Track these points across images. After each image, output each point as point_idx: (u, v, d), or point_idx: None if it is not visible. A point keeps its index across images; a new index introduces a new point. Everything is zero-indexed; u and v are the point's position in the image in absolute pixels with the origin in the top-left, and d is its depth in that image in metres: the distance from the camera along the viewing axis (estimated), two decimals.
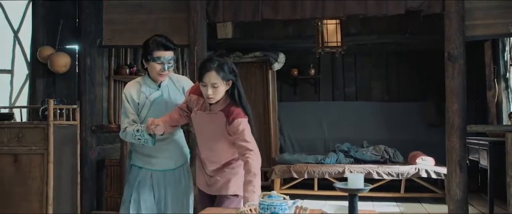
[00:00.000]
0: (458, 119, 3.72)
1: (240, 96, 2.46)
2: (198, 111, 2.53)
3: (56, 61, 4.34)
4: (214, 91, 2.40)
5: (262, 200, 1.87)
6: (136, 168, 2.83)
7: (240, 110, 2.44)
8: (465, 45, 3.74)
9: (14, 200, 3.87)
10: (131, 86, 2.81)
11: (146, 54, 2.70)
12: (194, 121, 2.59)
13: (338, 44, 5.58)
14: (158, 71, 2.68)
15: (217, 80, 2.38)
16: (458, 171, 3.70)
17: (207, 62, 2.43)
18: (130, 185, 2.81)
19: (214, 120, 2.47)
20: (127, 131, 2.72)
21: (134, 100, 2.77)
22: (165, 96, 2.79)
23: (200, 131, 2.59)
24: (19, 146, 3.90)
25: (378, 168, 6.03)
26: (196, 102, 2.55)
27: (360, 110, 7.42)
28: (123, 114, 2.80)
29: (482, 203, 5.67)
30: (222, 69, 2.39)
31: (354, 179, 1.55)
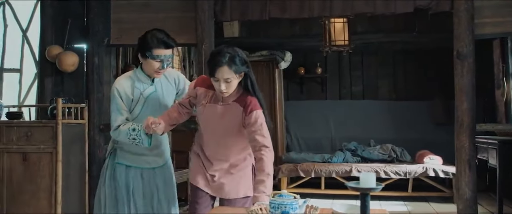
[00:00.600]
0: (468, 118, 3.69)
1: (253, 86, 2.37)
2: (208, 104, 2.41)
3: (64, 60, 4.35)
4: (228, 86, 2.30)
5: (273, 199, 1.87)
6: (123, 166, 2.68)
7: (256, 101, 2.35)
8: (474, 44, 3.71)
9: (23, 198, 3.90)
10: (123, 81, 2.63)
11: (144, 50, 2.54)
12: (203, 115, 2.45)
13: (345, 43, 5.57)
14: (156, 69, 2.55)
15: (230, 75, 2.28)
16: (467, 170, 3.68)
17: (217, 56, 2.30)
18: (118, 187, 2.66)
19: (228, 111, 2.36)
20: (120, 129, 2.56)
21: (128, 96, 2.60)
22: (159, 92, 2.66)
23: (210, 125, 2.45)
24: (28, 144, 3.93)
25: (385, 167, 6.01)
26: (204, 96, 2.43)
27: (367, 109, 7.39)
28: (115, 111, 2.61)
29: (490, 202, 5.64)
30: (234, 62, 2.28)
31: (366, 178, 1.54)
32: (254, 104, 2.33)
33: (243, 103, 2.35)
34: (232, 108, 2.36)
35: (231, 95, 2.38)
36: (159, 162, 2.74)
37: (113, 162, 2.71)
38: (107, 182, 2.69)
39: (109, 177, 2.69)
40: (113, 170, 2.69)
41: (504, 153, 4.34)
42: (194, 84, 2.51)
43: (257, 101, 2.35)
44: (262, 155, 2.28)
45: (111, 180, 2.68)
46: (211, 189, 2.52)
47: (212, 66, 2.30)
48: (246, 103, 2.34)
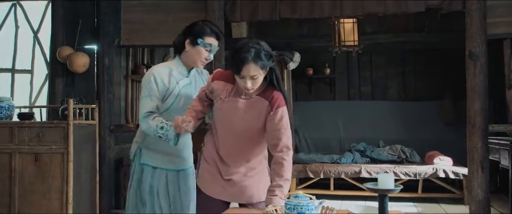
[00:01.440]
0: (480, 119, 3.67)
1: (278, 80, 2.24)
2: (227, 98, 2.26)
3: (75, 61, 4.37)
4: (254, 82, 2.16)
5: (289, 200, 1.86)
6: (150, 168, 2.59)
7: (282, 96, 2.22)
8: (487, 44, 3.69)
9: (35, 198, 3.92)
10: (162, 69, 2.53)
11: (196, 36, 2.47)
12: (221, 111, 2.29)
13: (355, 43, 5.56)
14: (204, 57, 2.50)
15: (256, 71, 2.14)
16: (479, 171, 3.65)
17: (242, 52, 2.14)
18: (143, 189, 2.57)
19: (252, 105, 2.22)
20: (149, 123, 2.44)
21: (165, 84, 2.49)
22: (192, 85, 2.59)
23: (229, 122, 2.29)
24: (39, 145, 3.95)
25: (395, 168, 5.98)
26: (223, 90, 2.29)
27: (376, 109, 7.36)
28: (146, 96, 2.47)
29: (502, 204, 5.60)
30: (260, 57, 2.13)
31: (384, 179, 1.53)
32: (280, 101, 2.20)
33: (267, 98, 2.21)
34: (256, 102, 2.22)
35: (255, 89, 2.24)
36: (184, 165, 2.67)
37: (139, 163, 2.61)
38: (135, 184, 2.61)
39: (137, 180, 2.60)
40: (140, 174, 2.59)
41: None
42: (212, 77, 2.39)
43: (282, 97, 2.23)
44: (283, 159, 2.16)
45: (138, 183, 2.60)
46: (228, 195, 2.36)
47: (237, 63, 2.15)
48: (272, 98, 2.20)
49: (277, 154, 2.20)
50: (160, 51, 5.77)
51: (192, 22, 2.56)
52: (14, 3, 4.86)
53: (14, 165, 3.93)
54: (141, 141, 2.60)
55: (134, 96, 5.13)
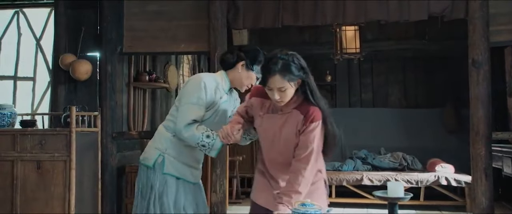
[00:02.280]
0: (483, 126, 3.66)
1: (313, 93, 2.15)
2: (266, 115, 2.24)
3: (77, 69, 4.37)
4: (282, 94, 2.10)
5: (296, 208, 1.85)
6: (173, 179, 2.48)
7: (318, 110, 2.15)
8: (489, 51, 3.69)
9: (37, 206, 3.90)
10: (210, 79, 2.46)
11: (253, 61, 2.46)
12: (262, 127, 2.27)
13: (356, 50, 5.56)
14: (251, 83, 2.49)
15: (283, 83, 2.07)
16: (483, 179, 3.64)
17: (270, 63, 2.11)
18: (166, 201, 2.44)
19: (288, 120, 2.17)
20: (194, 131, 2.34)
21: (212, 95, 2.43)
22: (228, 103, 2.55)
23: (268, 138, 2.26)
24: (42, 152, 3.94)
25: (396, 175, 5.96)
26: (261, 106, 2.26)
27: (377, 117, 7.36)
28: (194, 104, 2.37)
29: (504, 211, 5.58)
30: (288, 70, 2.07)
31: (394, 187, 1.53)
32: (316, 114, 2.14)
33: (304, 112, 2.15)
34: (293, 116, 2.16)
35: (290, 103, 2.18)
36: (199, 178, 2.62)
37: (162, 172, 2.46)
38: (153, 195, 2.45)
39: (158, 191, 2.46)
40: (163, 185, 2.46)
41: None
42: (249, 94, 2.37)
43: (319, 111, 2.16)
44: (300, 172, 2.11)
45: (160, 194, 2.45)
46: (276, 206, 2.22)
47: (264, 74, 2.13)
48: (307, 112, 2.14)
49: (297, 163, 2.16)
50: (162, 59, 5.77)
51: (249, 45, 2.60)
52: (17, 10, 4.87)
53: (16, 172, 3.92)
54: (164, 149, 2.48)
55: (136, 103, 5.13)
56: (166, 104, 6.05)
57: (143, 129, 5.19)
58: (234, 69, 2.49)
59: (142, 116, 5.25)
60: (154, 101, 5.65)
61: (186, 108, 2.38)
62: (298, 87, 2.16)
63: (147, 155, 2.53)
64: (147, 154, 2.54)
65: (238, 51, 2.51)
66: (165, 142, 2.49)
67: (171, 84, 5.79)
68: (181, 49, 4.45)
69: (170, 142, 2.48)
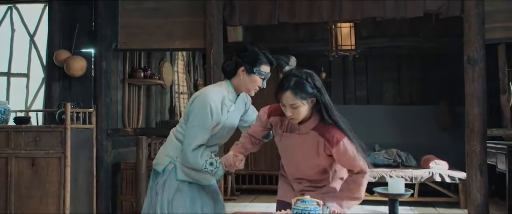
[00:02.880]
0: (479, 123, 3.68)
1: (328, 112, 2.15)
2: (284, 133, 2.26)
3: (72, 65, 4.33)
4: (295, 112, 2.12)
5: (296, 205, 1.85)
6: (186, 183, 2.48)
7: (336, 129, 2.15)
8: (485, 49, 3.71)
9: (31, 203, 3.88)
10: (217, 97, 2.44)
11: (252, 64, 2.42)
12: (280, 143, 2.31)
13: (352, 47, 5.56)
14: (257, 85, 2.46)
15: (294, 100, 2.10)
16: (478, 176, 3.66)
17: (283, 80, 2.16)
18: (180, 206, 2.45)
19: (307, 141, 2.19)
20: (198, 158, 2.37)
21: (219, 115, 2.43)
22: (236, 111, 2.55)
23: (287, 155, 2.32)
24: (36, 149, 3.91)
25: (391, 172, 5.99)
26: (280, 125, 2.28)
27: (372, 114, 7.38)
28: (200, 127, 2.38)
29: (498, 207, 5.62)
30: (300, 88, 2.11)
31: (394, 184, 1.53)
32: (338, 135, 2.14)
33: (324, 134, 2.16)
34: (311, 137, 2.19)
35: (308, 123, 2.20)
36: (211, 180, 2.60)
37: (176, 179, 2.47)
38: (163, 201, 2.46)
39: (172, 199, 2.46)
40: (175, 191, 2.47)
41: None
42: (268, 113, 2.36)
43: (337, 129, 2.15)
44: (359, 181, 2.18)
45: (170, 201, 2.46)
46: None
47: (277, 89, 2.16)
48: (329, 135, 2.15)
49: (354, 175, 2.21)
50: (156, 55, 5.75)
51: (244, 47, 2.50)
52: (10, 6, 4.82)
53: (11, 169, 3.88)
54: (175, 157, 2.49)
55: (131, 100, 5.10)
56: (161, 101, 6.03)
57: (138, 125, 5.16)
58: (236, 76, 2.47)
59: (137, 113, 5.22)
60: (149, 98, 5.63)
61: (191, 131, 2.39)
62: (313, 106, 2.18)
63: (159, 160, 2.55)
64: (159, 159, 2.56)
65: (236, 57, 2.47)
66: (175, 150, 2.50)
67: (166, 81, 5.77)
68: (177, 46, 4.43)
69: (180, 151, 2.48)
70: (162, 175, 2.49)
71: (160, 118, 5.93)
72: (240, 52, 2.47)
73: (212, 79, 4.19)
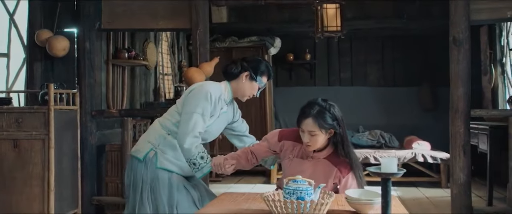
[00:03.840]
0: (463, 104, 3.73)
1: (344, 145, 2.24)
2: (295, 158, 2.32)
3: (54, 45, 4.23)
4: (312, 139, 2.20)
5: (287, 185, 1.85)
6: (166, 172, 2.49)
7: (347, 163, 2.25)
8: (470, 30, 3.73)
9: (15, 185, 3.82)
10: (216, 89, 2.51)
11: (256, 73, 2.54)
12: (289, 168, 2.34)
13: (337, 28, 5.54)
14: (254, 93, 2.59)
15: (314, 128, 2.19)
16: (462, 155, 3.72)
17: (307, 107, 2.26)
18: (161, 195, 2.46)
19: (317, 168, 2.26)
20: (193, 147, 2.36)
21: (216, 106, 2.49)
22: (228, 113, 2.64)
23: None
24: (19, 131, 3.84)
25: (375, 153, 6.06)
26: (292, 149, 2.34)
27: (356, 95, 7.44)
28: (200, 114, 2.39)
29: (478, 187, 5.75)
30: (322, 117, 2.19)
31: (387, 163, 1.54)
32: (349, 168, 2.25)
33: (336, 163, 2.25)
34: (322, 165, 2.27)
35: (322, 152, 2.28)
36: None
37: (155, 168, 2.48)
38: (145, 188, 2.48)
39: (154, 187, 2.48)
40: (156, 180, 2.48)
41: (495, 139, 4.42)
42: (279, 137, 2.42)
43: (347, 164, 2.25)
44: None
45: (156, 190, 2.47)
46: None
47: (299, 116, 2.26)
48: (341, 165, 2.25)
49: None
50: (141, 36, 5.66)
51: (253, 56, 2.68)
52: None
53: None
54: (157, 144, 2.51)
55: (115, 81, 5.03)
56: (145, 82, 5.96)
57: (122, 107, 5.10)
58: (237, 80, 2.56)
59: (121, 94, 5.16)
60: (133, 79, 5.56)
61: (192, 117, 2.40)
62: (330, 137, 2.24)
63: (139, 147, 2.55)
64: (139, 146, 2.55)
65: (241, 62, 2.58)
66: (158, 138, 2.52)
67: (150, 62, 5.70)
68: (162, 26, 4.36)
69: (163, 139, 2.51)
70: (142, 162, 2.49)
71: (144, 99, 5.87)
72: (247, 58, 2.62)
73: (198, 60, 4.15)
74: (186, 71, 4.15)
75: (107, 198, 4.42)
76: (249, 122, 2.97)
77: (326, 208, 1.80)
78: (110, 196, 4.43)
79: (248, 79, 2.54)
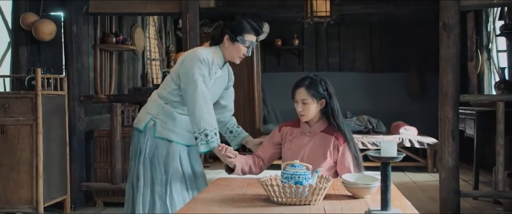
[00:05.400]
0: (452, 89, 3.75)
1: (335, 116, 2.38)
2: (294, 139, 2.46)
3: (41, 29, 4.15)
4: (304, 108, 2.36)
5: (285, 170, 1.85)
6: (165, 141, 2.47)
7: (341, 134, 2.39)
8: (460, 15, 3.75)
9: (2, 171, 3.78)
10: (206, 54, 2.47)
11: (236, 33, 2.47)
12: (289, 150, 2.45)
13: (327, 14, 5.54)
14: (242, 54, 2.51)
15: (306, 96, 2.35)
16: (450, 140, 3.76)
17: (300, 80, 2.43)
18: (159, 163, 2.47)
19: (317, 141, 2.41)
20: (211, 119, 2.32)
21: (210, 69, 2.45)
22: (222, 78, 2.59)
23: (299, 156, 2.40)
24: (5, 116, 3.78)
25: (362, 138, 6.11)
26: (291, 133, 2.49)
27: (344, 81, 7.45)
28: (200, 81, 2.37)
29: (463, 171, 5.80)
30: (313, 87, 2.36)
31: (387, 147, 1.55)
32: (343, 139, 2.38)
33: (332, 133, 2.39)
34: (321, 138, 2.41)
35: (317, 126, 2.42)
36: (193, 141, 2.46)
37: (153, 136, 2.48)
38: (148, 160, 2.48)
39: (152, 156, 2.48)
40: (155, 148, 2.48)
41: (482, 123, 4.48)
42: (278, 128, 2.56)
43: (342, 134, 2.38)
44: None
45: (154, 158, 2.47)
46: None
47: (293, 88, 2.42)
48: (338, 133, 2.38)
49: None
50: (128, 20, 5.58)
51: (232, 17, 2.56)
52: None
53: None
54: (156, 114, 2.51)
55: (103, 66, 4.96)
56: (133, 67, 5.89)
57: (110, 92, 5.04)
58: (223, 44, 2.54)
59: (109, 79, 5.10)
60: (121, 64, 5.49)
61: (196, 84, 2.36)
62: (321, 109, 2.39)
63: (139, 118, 2.57)
64: (139, 117, 2.58)
65: (222, 27, 2.58)
66: (157, 107, 2.52)
67: (138, 46, 5.63)
68: (150, 10, 4.30)
69: (162, 108, 2.51)
70: (143, 132, 2.50)
71: (132, 84, 5.81)
72: (228, 21, 2.52)
73: (187, 45, 4.11)
74: (177, 56, 4.10)
75: (96, 184, 4.39)
76: (237, 106, 2.99)
77: (324, 193, 1.81)
78: (99, 182, 4.40)
79: (230, 42, 2.50)
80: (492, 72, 6.22)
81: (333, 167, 2.41)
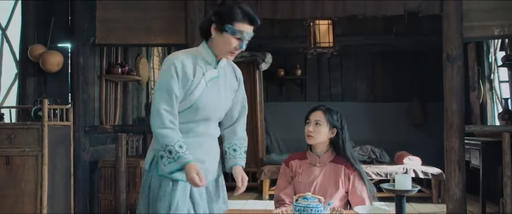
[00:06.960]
0: (457, 119, 3.78)
1: (344, 146, 2.45)
2: (304, 171, 2.50)
3: (48, 60, 4.19)
4: (315, 128, 2.44)
5: (297, 202, 1.84)
6: (169, 180, 2.04)
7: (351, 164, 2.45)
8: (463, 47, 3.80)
9: (6, 202, 3.73)
10: (184, 57, 2.05)
11: (223, 22, 2.01)
12: (301, 183, 2.49)
13: (330, 44, 5.61)
14: (233, 47, 2.04)
15: (321, 118, 2.44)
16: (457, 171, 3.76)
17: (318, 105, 2.55)
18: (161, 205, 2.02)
19: (326, 171, 2.45)
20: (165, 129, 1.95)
21: (187, 76, 2.01)
22: (221, 79, 2.14)
23: (311, 187, 2.45)
24: (11, 147, 3.76)
25: (366, 168, 6.06)
26: (299, 165, 2.54)
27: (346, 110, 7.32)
28: (163, 90, 1.98)
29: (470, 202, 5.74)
30: (330, 113, 2.47)
31: (402, 180, 1.55)
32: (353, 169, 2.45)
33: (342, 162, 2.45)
34: (330, 169, 2.45)
35: (325, 156, 2.47)
36: (214, 173, 2.17)
37: (157, 174, 2.07)
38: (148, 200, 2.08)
39: (153, 197, 2.07)
40: (158, 188, 2.06)
41: (487, 154, 4.47)
42: (286, 162, 2.60)
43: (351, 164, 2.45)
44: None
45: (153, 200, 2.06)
46: None
47: (309, 111, 2.52)
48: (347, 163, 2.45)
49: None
50: (133, 51, 5.64)
51: (221, 2, 2.06)
52: None
53: None
54: (158, 149, 2.04)
55: (108, 97, 4.99)
56: (138, 98, 5.92)
57: (115, 122, 5.06)
58: (211, 38, 2.10)
59: (114, 110, 5.11)
60: (126, 95, 5.52)
61: (155, 94, 2.05)
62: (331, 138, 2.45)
63: (146, 158, 2.18)
64: (146, 157, 2.19)
65: (210, 15, 2.11)
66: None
67: (142, 77, 5.67)
68: (157, 41, 4.36)
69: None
70: (149, 171, 2.12)
71: (136, 114, 5.82)
72: (216, 7, 2.07)
73: None
74: None
75: None
76: None
77: None
78: (103, 213, 4.36)
79: (217, 32, 2.04)
80: (495, 103, 6.24)
81: (345, 197, 2.42)
